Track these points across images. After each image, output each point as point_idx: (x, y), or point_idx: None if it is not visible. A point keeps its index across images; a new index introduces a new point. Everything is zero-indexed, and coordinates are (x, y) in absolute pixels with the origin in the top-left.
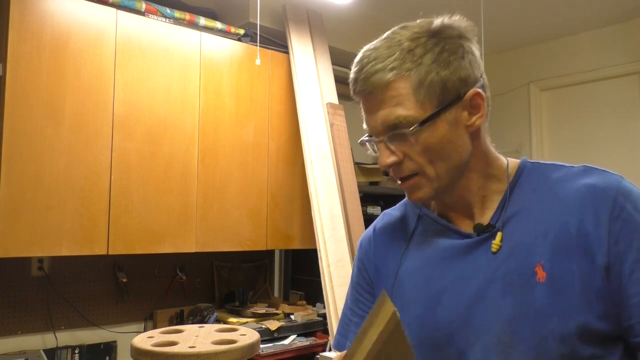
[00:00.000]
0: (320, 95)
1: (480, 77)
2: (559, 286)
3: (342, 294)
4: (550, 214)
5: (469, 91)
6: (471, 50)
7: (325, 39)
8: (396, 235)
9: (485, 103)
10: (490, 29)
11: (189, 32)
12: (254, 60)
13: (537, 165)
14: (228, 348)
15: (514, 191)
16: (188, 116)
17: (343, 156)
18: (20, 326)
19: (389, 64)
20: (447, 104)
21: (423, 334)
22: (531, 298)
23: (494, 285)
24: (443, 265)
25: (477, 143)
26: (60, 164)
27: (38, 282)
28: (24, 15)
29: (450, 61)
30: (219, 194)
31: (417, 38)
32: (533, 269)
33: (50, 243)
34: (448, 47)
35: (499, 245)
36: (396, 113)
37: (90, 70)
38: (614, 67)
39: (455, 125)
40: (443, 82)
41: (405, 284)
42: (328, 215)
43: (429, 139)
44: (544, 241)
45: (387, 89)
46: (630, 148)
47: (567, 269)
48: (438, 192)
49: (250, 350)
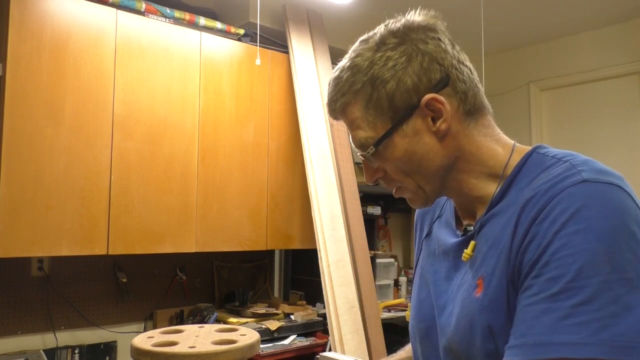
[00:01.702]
0: (320, 95)
1: (441, 76)
2: (488, 303)
3: (342, 294)
4: (509, 220)
5: (422, 98)
6: (422, 51)
7: (325, 39)
8: (432, 210)
9: (447, 105)
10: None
11: (189, 32)
12: (254, 60)
13: (543, 157)
14: (228, 348)
15: (509, 190)
16: (188, 116)
17: (343, 156)
18: (20, 326)
19: (341, 88)
20: (400, 119)
21: (413, 322)
22: (468, 312)
23: (459, 291)
24: (440, 260)
25: (457, 144)
26: (60, 164)
27: (38, 282)
28: (24, 15)
29: (396, 71)
30: (219, 194)
31: (364, 54)
32: (477, 281)
33: (50, 243)
34: (393, 56)
35: (469, 254)
36: (358, 135)
37: (90, 70)
38: (614, 67)
39: (417, 136)
40: (389, 97)
41: (419, 266)
42: (328, 215)
43: (392, 155)
44: (494, 251)
45: (345, 114)
46: (630, 148)
47: (498, 286)
48: (430, 199)
49: (250, 350)
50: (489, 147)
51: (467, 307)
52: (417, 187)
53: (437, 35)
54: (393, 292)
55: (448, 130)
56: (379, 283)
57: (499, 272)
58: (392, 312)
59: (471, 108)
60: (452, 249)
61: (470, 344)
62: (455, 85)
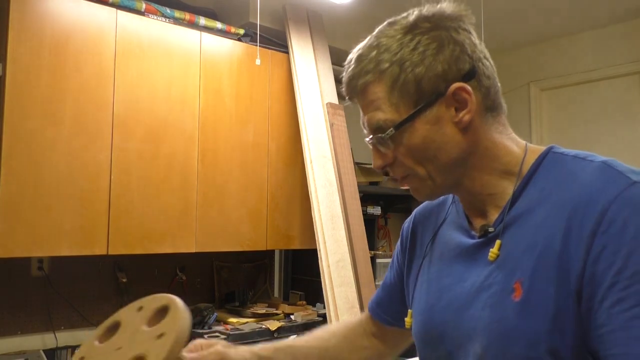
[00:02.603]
0: (320, 95)
1: (470, 67)
2: (532, 308)
3: (342, 294)
4: (543, 222)
5: (450, 86)
6: (455, 40)
7: (325, 39)
8: (436, 214)
9: (473, 96)
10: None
11: (189, 32)
12: (254, 60)
13: (560, 157)
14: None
15: (526, 189)
16: (188, 116)
17: (343, 156)
18: (20, 326)
19: (365, 66)
20: (425, 104)
21: (422, 328)
22: (504, 316)
23: (482, 294)
24: (450, 262)
25: (475, 138)
26: (60, 164)
27: (38, 282)
28: (24, 15)
29: (426, 56)
30: (219, 194)
31: (394, 35)
32: (513, 285)
33: (50, 243)
34: (424, 41)
35: (496, 254)
36: (376, 117)
37: (90, 70)
38: (614, 67)
39: (438, 124)
40: (417, 81)
41: (426, 268)
42: (328, 215)
43: (410, 140)
44: (530, 255)
45: (366, 94)
46: (631, 148)
47: (544, 290)
48: (437, 192)
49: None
50: (504, 145)
51: (501, 311)
52: (427, 176)
53: (468, 28)
54: None
55: (470, 122)
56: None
57: (541, 277)
58: None
59: (492, 104)
60: (468, 250)
61: (503, 349)
62: (480, 79)
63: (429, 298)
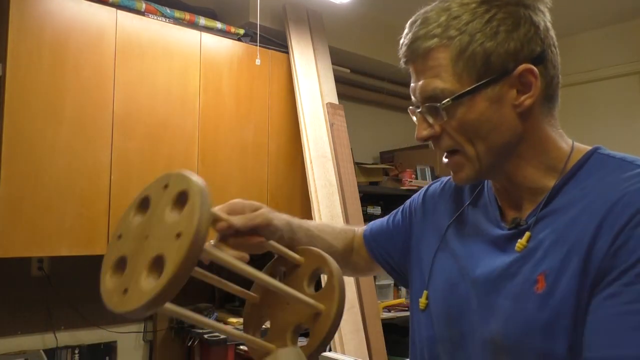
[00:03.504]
0: (320, 95)
1: (540, 51)
2: (554, 302)
3: None
4: (576, 220)
5: (518, 66)
6: (531, 20)
7: (325, 39)
8: (455, 195)
9: (539, 82)
10: None
11: (188, 32)
12: (254, 60)
13: (607, 158)
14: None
15: (566, 186)
16: (188, 116)
17: (343, 156)
18: (20, 326)
19: (432, 29)
20: (490, 79)
21: (442, 304)
22: (524, 307)
23: (505, 282)
24: (476, 246)
25: (529, 126)
26: (60, 164)
27: (38, 282)
28: (24, 15)
29: (499, 31)
30: (219, 194)
31: (468, 3)
32: (537, 276)
33: (50, 243)
34: (499, 15)
35: (524, 245)
36: (433, 85)
37: (90, 70)
38: (614, 67)
39: (498, 103)
40: (486, 55)
41: (447, 248)
42: (328, 215)
43: (466, 115)
44: (560, 249)
45: (428, 58)
46: (631, 148)
47: (568, 286)
48: (480, 174)
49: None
50: (554, 139)
51: (522, 302)
52: (475, 156)
53: (544, 10)
54: (393, 292)
55: (529, 108)
56: (379, 283)
57: (569, 272)
58: (392, 312)
59: (552, 94)
60: (496, 240)
61: (521, 340)
62: (547, 66)
63: (451, 277)
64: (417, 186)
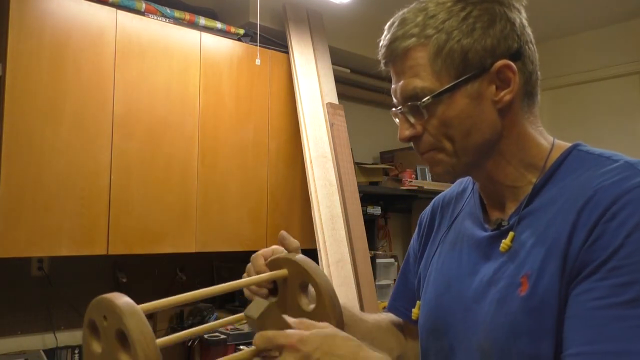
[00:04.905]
0: (320, 95)
1: (517, 47)
2: (536, 304)
3: (342, 293)
4: (554, 220)
5: (496, 62)
6: (506, 17)
7: (325, 39)
8: (454, 203)
9: (517, 77)
10: None
11: (188, 32)
12: (254, 60)
13: (585, 155)
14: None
15: (547, 185)
16: (188, 116)
17: (343, 156)
18: (20, 326)
19: (410, 29)
20: (468, 76)
21: (428, 317)
22: (509, 311)
23: (491, 287)
24: (462, 253)
25: (508, 123)
26: (60, 164)
27: (38, 282)
28: (24, 15)
29: (476, 28)
30: (219, 194)
31: (443, 2)
32: (520, 279)
33: (50, 243)
34: (475, 12)
35: (508, 245)
36: (413, 84)
37: (90, 70)
38: (614, 67)
39: (478, 99)
40: (464, 52)
41: (439, 259)
42: (328, 215)
43: (446, 112)
44: (539, 249)
45: (407, 58)
46: (631, 148)
47: (549, 286)
48: (458, 170)
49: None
50: (534, 136)
51: (507, 306)
52: (453, 153)
53: (519, 7)
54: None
55: (509, 104)
56: (379, 283)
57: (549, 272)
58: None
59: (531, 91)
60: (481, 242)
61: (507, 344)
62: (525, 62)
63: (437, 287)
64: (417, 186)
